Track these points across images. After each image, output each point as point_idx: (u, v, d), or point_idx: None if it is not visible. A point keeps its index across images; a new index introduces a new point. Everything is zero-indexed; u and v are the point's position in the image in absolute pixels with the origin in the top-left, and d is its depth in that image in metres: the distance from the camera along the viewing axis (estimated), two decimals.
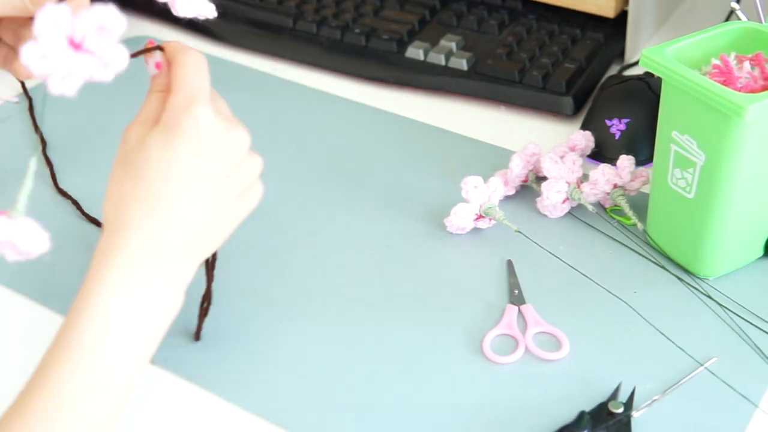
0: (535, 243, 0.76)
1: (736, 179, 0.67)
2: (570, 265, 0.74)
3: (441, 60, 0.96)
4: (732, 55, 0.69)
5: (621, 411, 0.62)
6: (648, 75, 0.88)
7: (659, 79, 0.71)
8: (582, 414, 0.61)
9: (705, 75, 0.68)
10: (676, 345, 0.67)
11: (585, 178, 0.80)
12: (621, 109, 0.86)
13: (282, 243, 0.77)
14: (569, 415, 0.62)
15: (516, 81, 0.93)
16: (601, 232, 0.77)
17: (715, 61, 0.69)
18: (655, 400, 0.63)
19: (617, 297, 0.71)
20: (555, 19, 1.00)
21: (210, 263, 0.67)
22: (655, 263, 0.74)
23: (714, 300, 0.70)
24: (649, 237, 0.75)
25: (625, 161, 0.78)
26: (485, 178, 0.77)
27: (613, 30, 0.98)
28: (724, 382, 0.64)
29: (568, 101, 0.91)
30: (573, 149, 0.82)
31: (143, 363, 0.57)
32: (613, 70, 0.97)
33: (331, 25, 1.02)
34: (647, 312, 0.70)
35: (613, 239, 0.77)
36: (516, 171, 0.80)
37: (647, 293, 0.71)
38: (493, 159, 0.85)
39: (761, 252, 0.73)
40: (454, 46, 0.97)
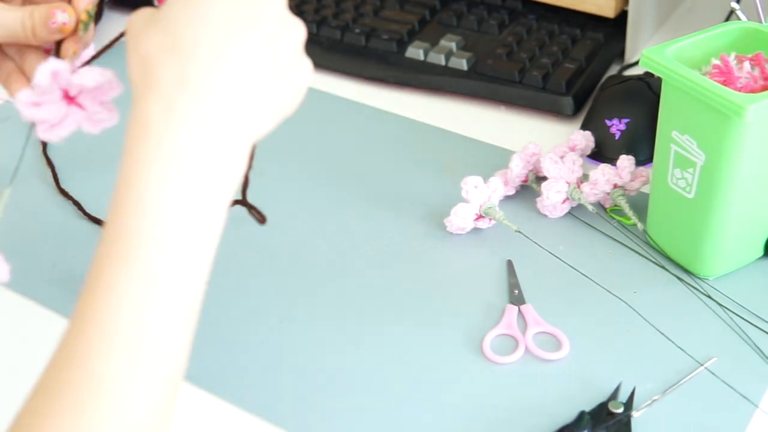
0: (535, 243, 0.76)
1: (736, 179, 0.67)
2: (570, 265, 0.74)
3: (441, 60, 0.96)
4: (732, 55, 0.69)
5: (621, 411, 0.62)
6: (648, 75, 0.88)
7: (659, 79, 0.71)
8: (582, 414, 0.61)
9: (705, 75, 0.68)
10: (676, 345, 0.67)
11: (585, 178, 0.80)
12: (621, 109, 0.86)
13: (282, 243, 0.77)
14: (569, 415, 0.62)
15: (516, 81, 0.93)
16: (601, 232, 0.77)
17: (715, 61, 0.69)
18: (655, 400, 0.63)
19: (617, 297, 0.71)
20: (555, 19, 1.00)
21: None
22: (655, 263, 0.74)
23: (714, 300, 0.70)
24: (649, 237, 0.75)
25: (625, 161, 0.78)
26: (485, 178, 0.77)
27: (613, 30, 0.98)
28: (724, 382, 0.64)
29: (568, 101, 0.91)
30: (573, 149, 0.82)
31: (210, 247, 0.47)
32: (613, 70, 0.97)
33: (331, 25, 1.02)
34: (647, 312, 0.70)
35: (613, 239, 0.77)
36: (516, 171, 0.80)
37: (647, 293, 0.71)
38: (493, 159, 0.85)
39: (761, 252, 0.73)
40: (454, 46, 0.97)
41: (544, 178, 0.80)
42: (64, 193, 0.83)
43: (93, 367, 0.45)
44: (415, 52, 0.97)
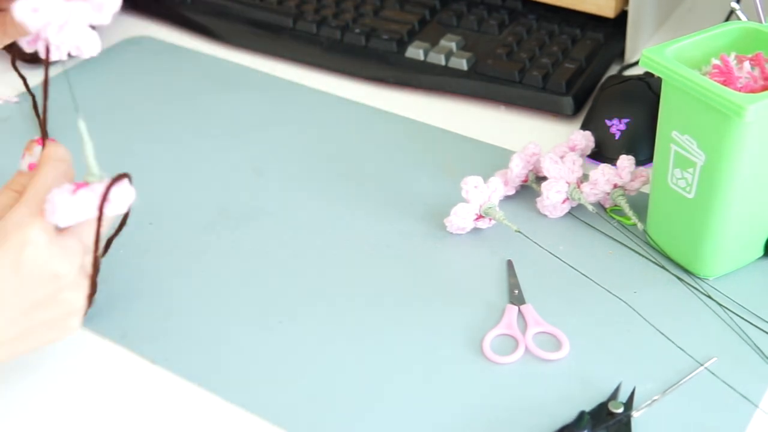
0: (535, 243, 0.76)
1: (736, 179, 0.67)
2: (570, 265, 0.74)
3: (441, 60, 0.96)
4: (732, 55, 0.69)
5: (621, 411, 0.62)
6: (648, 75, 0.88)
7: (659, 79, 0.71)
8: (582, 414, 0.61)
9: (705, 75, 0.68)
10: (676, 345, 0.67)
11: (585, 178, 0.80)
12: (621, 109, 0.86)
13: (282, 243, 0.77)
14: (569, 415, 0.62)
15: (516, 81, 0.93)
16: (601, 232, 0.77)
17: (715, 61, 0.69)
18: (655, 400, 0.63)
19: (617, 297, 0.71)
20: (555, 19, 1.00)
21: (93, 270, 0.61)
22: (655, 263, 0.74)
23: (714, 300, 0.71)
24: (649, 237, 0.75)
25: (625, 161, 0.78)
26: (485, 178, 0.77)
27: (613, 30, 0.98)
28: (724, 382, 0.64)
29: (568, 101, 0.91)
30: (573, 149, 0.82)
31: None
32: (613, 70, 0.97)
33: (331, 25, 1.02)
34: (647, 312, 0.70)
35: (613, 239, 0.77)
36: (516, 171, 0.80)
37: (647, 293, 0.71)
38: (493, 159, 0.85)
39: (761, 252, 0.73)
40: (454, 46, 0.97)
41: (544, 178, 0.80)
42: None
43: None
44: (415, 52, 0.97)
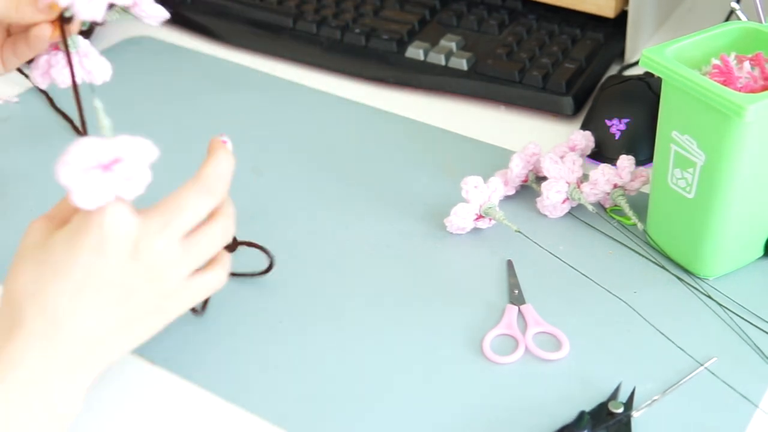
0: (535, 243, 0.76)
1: (736, 179, 0.67)
2: (570, 265, 0.74)
3: (441, 60, 0.96)
4: (732, 55, 0.69)
5: (621, 411, 0.62)
6: (648, 75, 0.88)
7: (659, 79, 0.71)
8: (582, 414, 0.61)
9: (705, 75, 0.68)
10: (676, 345, 0.67)
11: (585, 178, 0.80)
12: (621, 109, 0.86)
13: (282, 243, 0.77)
14: (569, 415, 0.62)
15: (516, 81, 0.93)
16: (601, 232, 0.77)
17: (715, 61, 0.69)
18: (655, 400, 0.63)
19: (617, 297, 0.71)
20: (555, 19, 1.00)
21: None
22: (655, 263, 0.74)
23: (714, 300, 0.71)
24: (649, 237, 0.75)
25: (625, 161, 0.78)
26: (485, 178, 0.77)
27: (613, 30, 0.98)
28: (724, 382, 0.64)
29: (568, 101, 0.91)
30: (573, 149, 0.82)
31: None
32: (613, 70, 0.97)
33: (331, 25, 1.02)
34: (647, 312, 0.70)
35: (613, 239, 0.77)
36: (516, 171, 0.80)
37: (647, 293, 0.71)
38: (493, 159, 0.85)
39: (761, 252, 0.73)
40: (454, 46, 0.97)
41: (544, 178, 0.80)
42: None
43: None
44: (415, 52, 0.97)
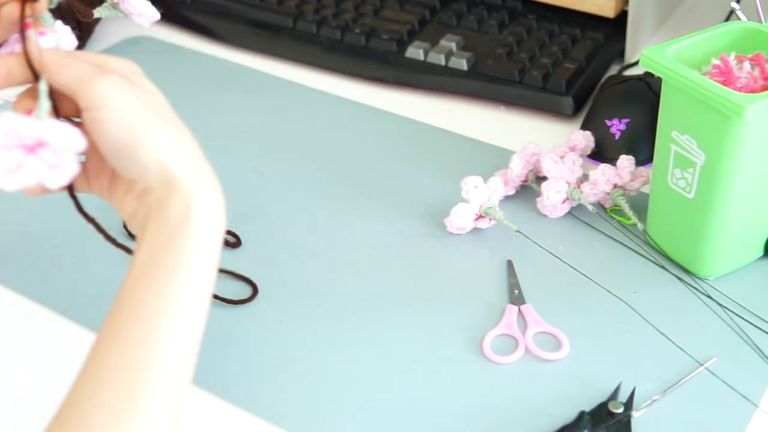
0: (535, 243, 0.76)
1: (736, 179, 0.67)
2: (570, 265, 0.74)
3: (441, 60, 0.96)
4: (732, 55, 0.69)
5: (621, 411, 0.62)
6: (648, 75, 0.88)
7: (659, 79, 0.71)
8: (582, 414, 0.61)
9: (705, 75, 0.68)
10: (676, 345, 0.67)
11: (585, 178, 0.80)
12: (621, 109, 0.86)
13: (282, 242, 0.77)
14: (569, 415, 0.62)
15: (516, 81, 0.93)
16: (601, 232, 0.77)
17: (715, 61, 0.69)
18: (655, 400, 0.63)
19: (617, 297, 0.71)
20: (555, 19, 1.01)
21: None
22: (655, 263, 0.74)
23: (714, 300, 0.70)
24: (649, 237, 0.75)
25: (625, 161, 0.78)
26: (485, 178, 0.77)
27: (613, 30, 0.98)
28: (724, 382, 0.64)
29: (568, 101, 0.91)
30: (573, 149, 0.82)
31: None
32: (613, 70, 0.97)
33: (331, 25, 1.02)
34: (647, 312, 0.70)
35: (613, 239, 0.77)
36: (516, 171, 0.80)
37: (647, 293, 0.71)
38: (493, 159, 0.85)
39: (761, 252, 0.73)
40: (454, 46, 0.97)
41: (544, 178, 0.80)
42: (69, 189, 0.82)
43: (126, 379, 0.50)
44: (415, 52, 0.97)
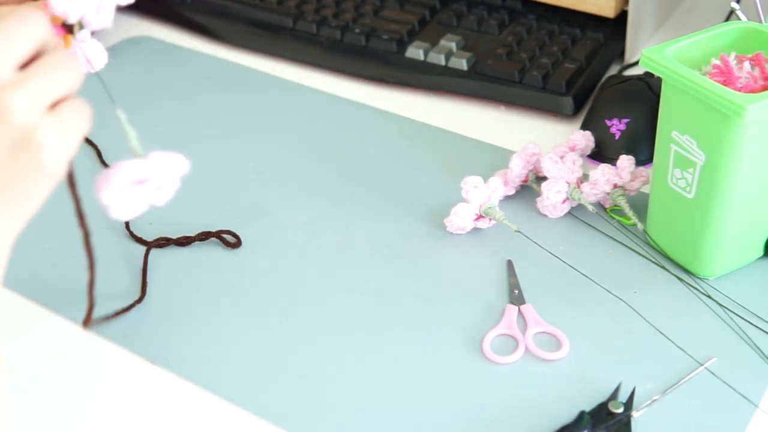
0: (535, 243, 0.76)
1: (736, 179, 0.67)
2: (570, 265, 0.74)
3: (441, 60, 0.96)
4: (732, 55, 0.69)
5: (621, 411, 0.62)
6: (648, 75, 0.88)
7: (659, 79, 0.71)
8: (582, 414, 0.61)
9: (705, 75, 0.68)
10: (676, 345, 0.67)
11: (585, 178, 0.80)
12: (621, 109, 0.86)
13: (282, 242, 0.77)
14: (569, 415, 0.62)
15: (516, 81, 0.93)
16: (601, 232, 0.77)
17: (715, 61, 0.69)
18: (655, 400, 0.63)
19: (617, 297, 0.71)
20: (555, 19, 1.00)
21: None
22: (655, 263, 0.74)
23: (714, 300, 0.71)
24: (649, 237, 0.75)
25: (625, 161, 0.78)
26: (485, 178, 0.77)
27: (613, 30, 0.98)
28: (724, 382, 0.64)
29: (568, 101, 0.91)
30: (573, 149, 0.82)
31: None
32: (613, 70, 0.97)
33: (331, 25, 1.02)
34: (647, 312, 0.70)
35: (613, 239, 0.77)
36: (516, 171, 0.80)
37: (647, 293, 0.71)
38: (493, 159, 0.85)
39: (761, 252, 0.73)
40: (454, 46, 0.97)
41: (544, 178, 0.80)
42: (71, 185, 0.82)
43: None
44: (415, 52, 0.97)
